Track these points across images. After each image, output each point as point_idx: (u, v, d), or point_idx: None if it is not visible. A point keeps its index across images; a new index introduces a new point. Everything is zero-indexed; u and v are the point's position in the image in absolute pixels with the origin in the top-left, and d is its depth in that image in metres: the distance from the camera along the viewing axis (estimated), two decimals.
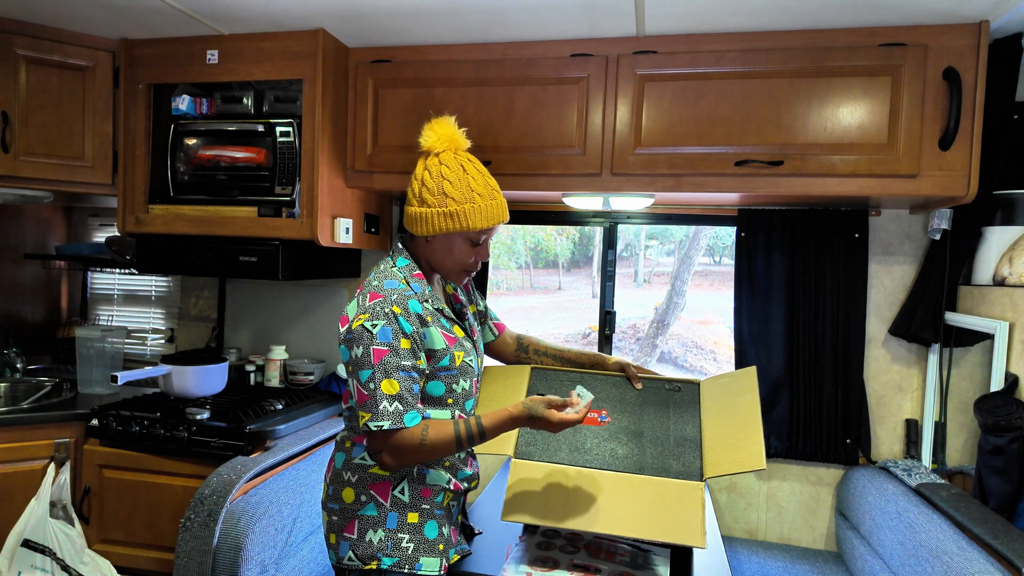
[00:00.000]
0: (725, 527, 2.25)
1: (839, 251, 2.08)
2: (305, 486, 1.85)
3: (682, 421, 1.54)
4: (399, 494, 1.31)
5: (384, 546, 1.29)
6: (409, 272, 1.35)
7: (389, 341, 1.24)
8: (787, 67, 1.78)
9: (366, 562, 1.28)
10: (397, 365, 1.24)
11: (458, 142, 1.37)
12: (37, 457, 2.04)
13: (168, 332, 2.81)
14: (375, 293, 1.28)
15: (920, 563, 1.57)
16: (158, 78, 2.11)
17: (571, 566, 1.42)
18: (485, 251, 1.40)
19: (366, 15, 1.84)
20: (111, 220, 2.90)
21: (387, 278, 1.32)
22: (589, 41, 1.91)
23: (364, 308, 1.26)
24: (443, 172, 1.33)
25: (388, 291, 1.28)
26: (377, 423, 1.22)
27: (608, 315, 2.40)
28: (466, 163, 1.35)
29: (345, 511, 1.32)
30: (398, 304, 1.26)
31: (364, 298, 1.28)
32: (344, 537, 1.31)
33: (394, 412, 1.23)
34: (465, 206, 1.31)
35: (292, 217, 2.01)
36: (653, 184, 1.89)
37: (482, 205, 1.32)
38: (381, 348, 1.23)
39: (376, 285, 1.30)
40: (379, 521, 1.30)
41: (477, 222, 1.32)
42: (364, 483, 1.32)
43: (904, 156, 1.73)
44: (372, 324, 1.24)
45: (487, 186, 1.34)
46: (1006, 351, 1.74)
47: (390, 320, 1.24)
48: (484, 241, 1.37)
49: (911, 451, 2.09)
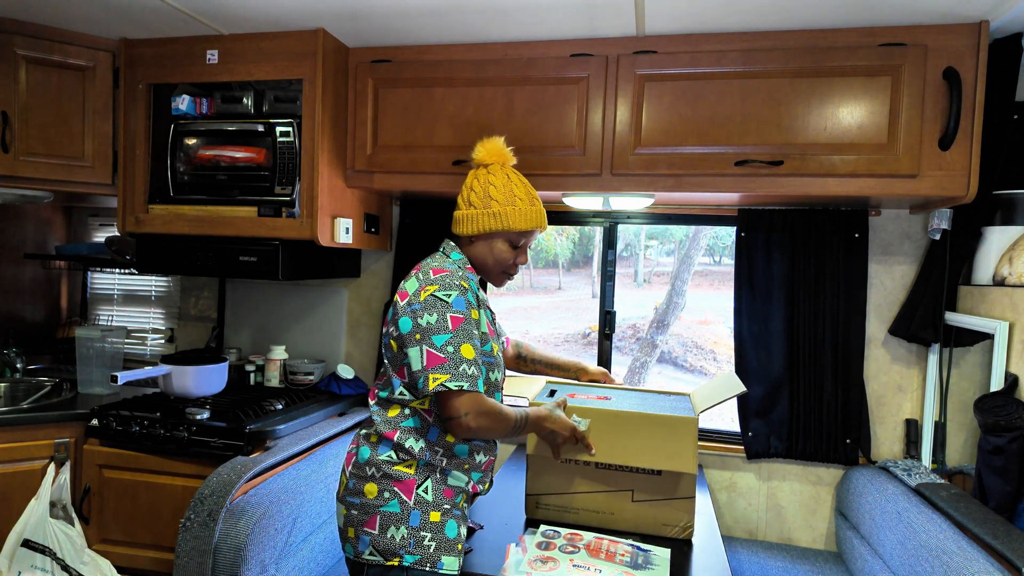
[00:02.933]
0: (725, 527, 2.25)
1: (839, 251, 2.08)
2: (305, 486, 1.85)
3: (673, 399, 1.79)
4: (423, 493, 1.34)
5: (407, 543, 1.30)
6: (463, 264, 1.46)
7: (463, 310, 1.32)
8: (787, 67, 1.78)
9: (388, 558, 1.30)
10: (471, 333, 1.32)
11: (506, 157, 1.50)
12: (37, 457, 2.04)
13: (168, 332, 2.81)
14: (439, 269, 1.37)
15: (920, 563, 1.57)
16: (158, 78, 2.11)
17: (571, 567, 1.42)
18: (524, 255, 1.50)
19: (366, 15, 1.84)
20: (111, 220, 2.90)
21: (446, 262, 1.42)
22: (589, 41, 1.91)
23: (431, 280, 1.34)
24: (490, 180, 1.46)
25: (452, 270, 1.37)
26: (458, 383, 1.27)
27: (608, 315, 2.40)
28: (511, 174, 1.48)
29: (366, 506, 1.33)
30: (465, 280, 1.37)
31: (426, 274, 1.36)
32: (364, 531, 1.32)
33: (472, 376, 1.29)
34: (507, 208, 1.43)
35: (292, 217, 2.01)
36: (653, 184, 1.89)
37: (523, 208, 1.44)
38: (458, 315, 1.31)
39: (438, 265, 1.39)
40: (402, 518, 1.31)
41: (519, 223, 1.43)
42: (388, 480, 1.34)
43: (904, 156, 1.73)
44: (445, 294, 1.32)
45: (528, 194, 1.47)
46: (1006, 351, 1.74)
47: (461, 292, 1.34)
48: (524, 245, 1.49)
49: (911, 451, 2.09)
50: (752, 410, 2.18)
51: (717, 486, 2.26)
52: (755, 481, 2.23)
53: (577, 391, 1.81)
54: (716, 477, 2.25)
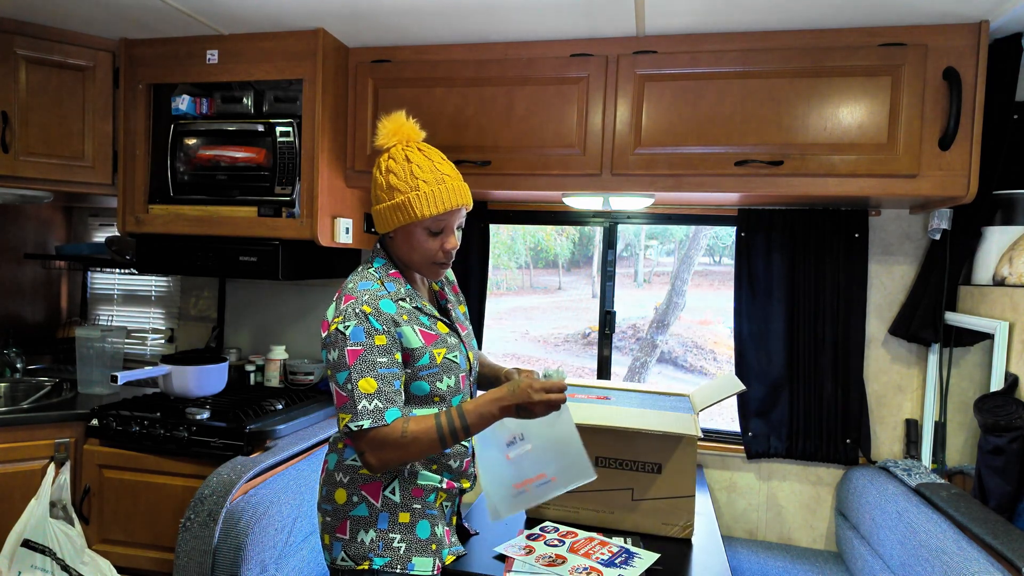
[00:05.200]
0: (725, 527, 2.25)
1: (839, 251, 2.08)
2: (305, 486, 1.85)
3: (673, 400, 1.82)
4: (390, 494, 1.31)
5: (376, 546, 1.29)
6: (384, 272, 1.34)
7: (362, 340, 1.22)
8: (787, 67, 1.78)
9: (358, 562, 1.28)
10: (373, 363, 1.22)
11: (407, 134, 1.34)
12: (37, 457, 2.04)
13: (168, 332, 2.81)
14: (349, 295, 1.27)
15: (920, 563, 1.57)
16: (158, 78, 2.11)
17: (544, 556, 1.48)
18: (450, 239, 1.34)
19: (366, 15, 1.84)
20: (111, 220, 2.90)
21: (362, 280, 1.30)
22: (589, 41, 1.91)
23: (339, 311, 1.25)
24: (390, 166, 1.32)
25: (360, 292, 1.27)
26: (357, 423, 1.19)
27: (608, 315, 2.40)
28: (412, 153, 1.32)
29: (337, 512, 1.33)
30: (368, 304, 1.25)
31: (339, 302, 1.27)
32: (337, 538, 1.31)
33: (373, 410, 1.20)
34: (410, 195, 1.28)
35: (292, 217, 2.01)
36: (653, 184, 1.89)
37: (428, 191, 1.28)
38: (355, 348, 1.22)
39: (351, 288, 1.29)
40: (370, 521, 1.30)
41: (425, 209, 1.28)
42: (355, 484, 1.32)
43: (904, 156, 1.73)
44: (344, 326, 1.23)
45: (434, 171, 1.30)
46: (1006, 351, 1.74)
47: (361, 319, 1.23)
48: (445, 229, 1.33)
49: (911, 451, 2.09)
50: (752, 410, 2.18)
51: (717, 486, 2.26)
52: (755, 481, 2.23)
53: (577, 391, 1.81)
54: (716, 477, 2.25)
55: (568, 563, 1.44)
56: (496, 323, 6.96)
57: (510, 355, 6.53)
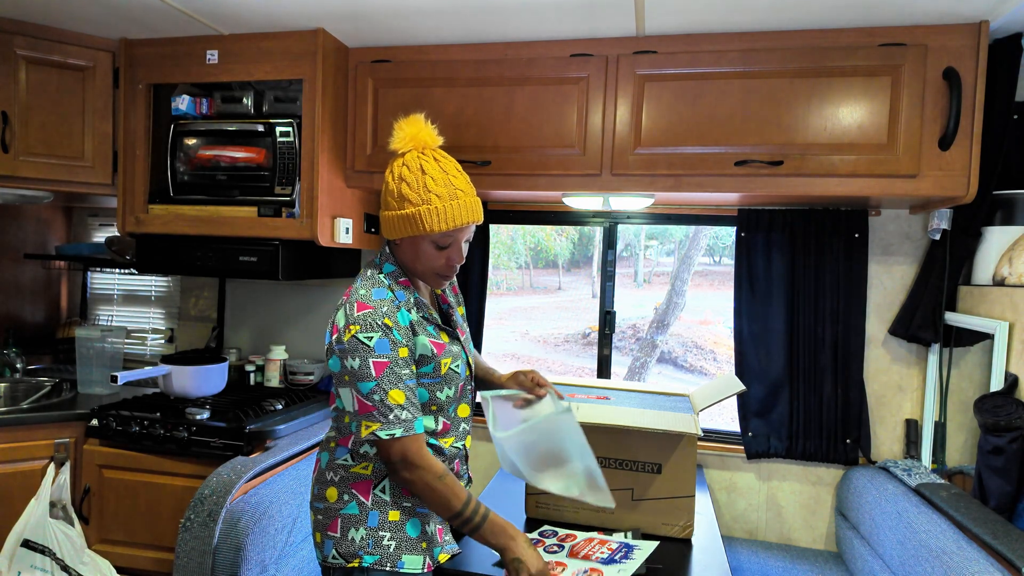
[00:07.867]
0: (725, 527, 2.25)
1: (839, 251, 2.08)
2: (305, 486, 1.86)
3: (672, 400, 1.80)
4: (380, 492, 1.32)
5: (366, 544, 1.29)
6: (395, 280, 1.33)
7: (388, 353, 1.23)
8: (787, 67, 1.78)
9: (349, 560, 1.29)
10: (399, 375, 1.24)
11: (424, 141, 1.31)
12: (37, 457, 2.04)
13: (168, 332, 2.81)
14: (363, 303, 1.25)
15: (920, 563, 1.57)
16: (158, 78, 2.11)
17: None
18: (457, 254, 1.33)
19: (366, 15, 1.84)
20: (111, 220, 2.90)
21: (375, 286, 1.29)
22: (589, 41, 1.91)
23: (354, 319, 1.23)
24: (403, 174, 1.29)
25: (377, 302, 1.25)
26: (389, 431, 1.22)
27: (608, 315, 2.40)
28: (428, 163, 1.29)
29: (329, 510, 1.33)
30: (389, 316, 1.25)
31: (351, 307, 1.25)
32: (328, 536, 1.32)
33: (405, 420, 1.23)
34: (421, 208, 1.26)
35: (292, 217, 2.01)
36: (653, 184, 1.89)
37: (440, 207, 1.26)
38: (381, 360, 1.22)
39: (364, 295, 1.27)
40: (361, 520, 1.30)
41: (434, 225, 1.26)
42: (346, 482, 1.32)
43: (904, 156, 1.73)
44: (367, 336, 1.22)
45: (448, 185, 1.28)
46: (1006, 351, 1.74)
47: (384, 332, 1.23)
48: (453, 244, 1.31)
49: (911, 451, 2.09)
50: (752, 410, 2.18)
51: (717, 486, 2.26)
52: (755, 481, 2.23)
53: (577, 391, 1.81)
54: (716, 477, 2.25)
55: (568, 569, 1.42)
56: (496, 323, 6.97)
57: (510, 355, 6.53)
